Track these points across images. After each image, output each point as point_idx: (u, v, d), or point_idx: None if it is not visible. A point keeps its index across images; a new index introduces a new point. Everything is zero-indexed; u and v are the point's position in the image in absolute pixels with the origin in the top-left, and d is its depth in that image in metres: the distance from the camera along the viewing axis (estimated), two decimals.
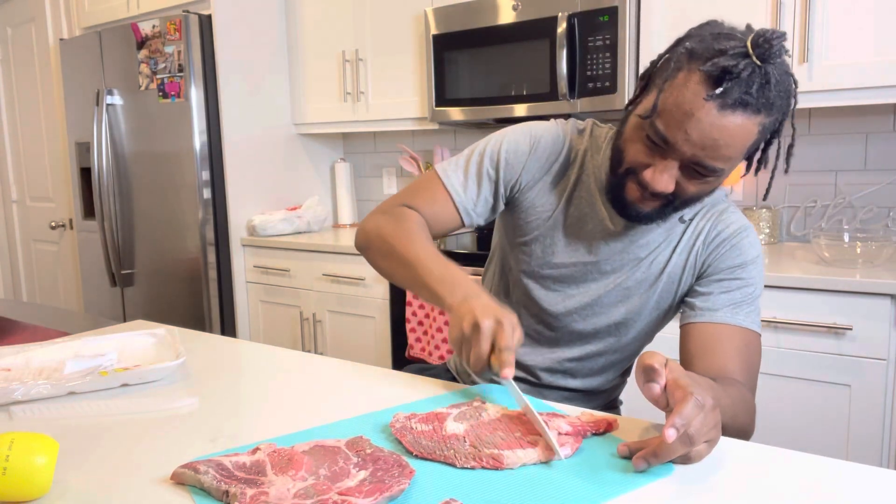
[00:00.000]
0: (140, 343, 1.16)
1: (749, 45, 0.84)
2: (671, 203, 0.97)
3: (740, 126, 0.86)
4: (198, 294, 2.86)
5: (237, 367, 1.10)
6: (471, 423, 0.80)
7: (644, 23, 2.12)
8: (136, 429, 0.84)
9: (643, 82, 0.97)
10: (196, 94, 2.75)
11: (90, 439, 0.81)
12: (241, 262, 2.92)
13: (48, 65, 3.44)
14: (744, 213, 1.18)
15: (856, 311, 1.67)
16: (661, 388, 0.72)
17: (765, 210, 2.19)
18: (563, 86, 2.20)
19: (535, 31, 2.26)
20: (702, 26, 0.92)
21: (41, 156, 3.61)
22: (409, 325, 2.35)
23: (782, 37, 0.84)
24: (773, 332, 1.77)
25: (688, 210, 1.05)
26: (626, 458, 0.73)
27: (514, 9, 2.30)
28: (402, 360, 2.42)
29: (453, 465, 0.71)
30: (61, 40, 3.20)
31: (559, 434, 0.76)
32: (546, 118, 2.34)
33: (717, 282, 1.03)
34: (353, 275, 2.56)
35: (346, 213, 3.18)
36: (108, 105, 3.00)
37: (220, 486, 0.65)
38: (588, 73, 2.18)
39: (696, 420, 0.68)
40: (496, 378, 0.85)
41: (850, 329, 1.67)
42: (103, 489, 0.69)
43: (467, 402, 0.86)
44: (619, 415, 1.07)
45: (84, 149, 3.13)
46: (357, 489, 0.64)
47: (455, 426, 0.78)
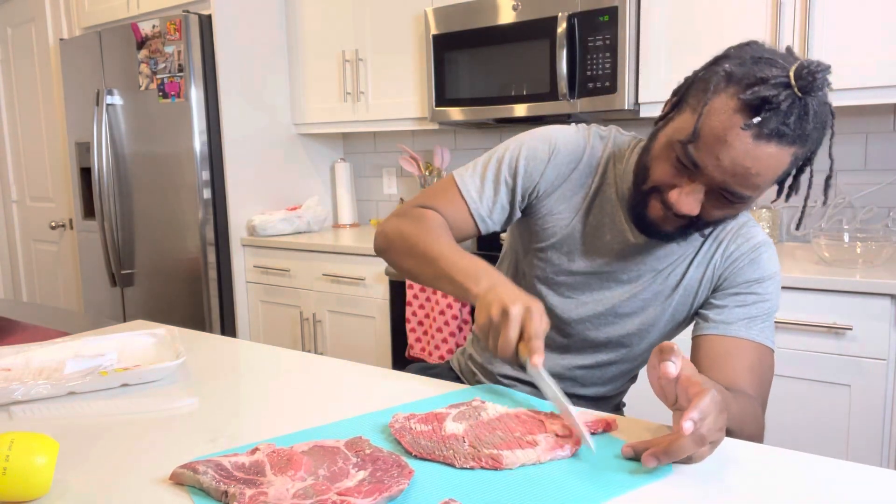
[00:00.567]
0: (140, 343, 1.16)
1: (792, 76, 0.82)
2: (694, 224, 0.95)
3: (773, 156, 0.85)
4: (198, 294, 2.86)
5: (237, 367, 1.10)
6: (470, 423, 0.80)
7: (644, 23, 2.12)
8: (136, 429, 0.84)
9: (675, 98, 0.95)
10: (196, 94, 2.75)
11: (90, 439, 0.81)
12: (241, 262, 2.92)
13: (48, 65, 3.45)
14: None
15: (856, 311, 1.67)
16: (677, 369, 0.72)
17: (765, 210, 2.19)
18: (563, 86, 2.20)
19: (535, 31, 2.26)
20: (741, 47, 0.89)
21: (41, 156, 3.62)
22: (409, 325, 2.35)
23: (827, 70, 0.82)
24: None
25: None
26: (630, 459, 0.73)
27: (514, 9, 2.30)
28: (402, 360, 2.42)
29: (452, 465, 0.71)
30: (61, 40, 3.20)
31: (556, 436, 0.77)
32: (546, 118, 2.37)
33: (734, 295, 1.02)
34: (353, 275, 2.56)
35: (346, 213, 3.18)
36: (108, 105, 3.00)
37: (219, 487, 0.65)
38: (588, 73, 2.18)
39: (708, 419, 0.68)
40: (523, 366, 0.84)
41: (850, 329, 1.67)
42: (103, 489, 0.69)
43: (466, 402, 0.86)
44: (624, 416, 1.06)
45: (84, 149, 3.13)
46: (356, 489, 0.64)
47: (454, 426, 0.78)
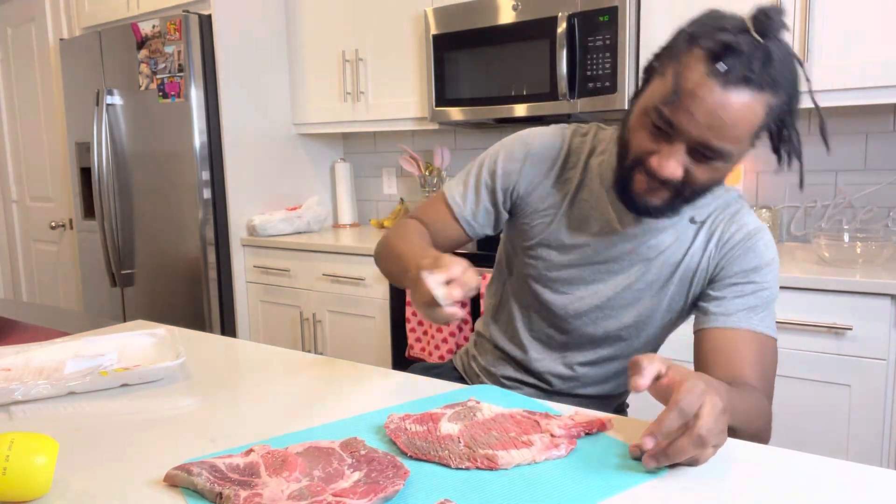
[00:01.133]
0: (140, 343, 1.16)
1: (749, 20, 0.84)
2: (681, 194, 0.94)
3: (745, 105, 0.85)
4: (198, 294, 2.86)
5: (237, 367, 1.10)
6: (465, 423, 0.80)
7: (644, 23, 2.12)
8: (135, 429, 0.85)
9: (645, 75, 0.96)
10: (196, 94, 2.76)
11: (90, 439, 0.81)
12: (241, 262, 2.92)
13: (48, 65, 3.45)
14: None
15: (856, 311, 1.67)
16: (645, 383, 0.72)
17: (765, 210, 2.19)
18: (563, 86, 2.20)
19: (535, 31, 2.26)
20: (700, 15, 0.91)
21: (41, 156, 3.62)
22: (409, 325, 2.35)
23: (781, 12, 0.83)
24: None
25: (699, 210, 1.04)
26: (637, 458, 0.73)
27: (514, 9, 2.30)
28: (402, 360, 2.42)
29: (448, 465, 0.72)
30: (61, 40, 3.20)
31: (552, 436, 0.77)
32: (546, 118, 2.37)
33: (731, 286, 1.02)
34: (353, 275, 2.56)
35: (345, 213, 3.18)
36: (108, 105, 3.00)
37: (213, 488, 0.65)
38: (588, 73, 2.18)
39: (709, 422, 0.67)
40: (447, 310, 0.85)
41: (850, 329, 1.67)
42: (103, 489, 0.69)
43: (462, 403, 0.86)
44: (626, 416, 1.06)
45: (84, 149, 3.13)
46: (351, 490, 0.64)
47: (449, 427, 0.79)
